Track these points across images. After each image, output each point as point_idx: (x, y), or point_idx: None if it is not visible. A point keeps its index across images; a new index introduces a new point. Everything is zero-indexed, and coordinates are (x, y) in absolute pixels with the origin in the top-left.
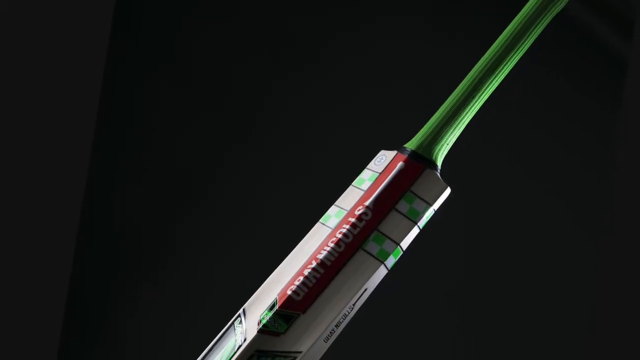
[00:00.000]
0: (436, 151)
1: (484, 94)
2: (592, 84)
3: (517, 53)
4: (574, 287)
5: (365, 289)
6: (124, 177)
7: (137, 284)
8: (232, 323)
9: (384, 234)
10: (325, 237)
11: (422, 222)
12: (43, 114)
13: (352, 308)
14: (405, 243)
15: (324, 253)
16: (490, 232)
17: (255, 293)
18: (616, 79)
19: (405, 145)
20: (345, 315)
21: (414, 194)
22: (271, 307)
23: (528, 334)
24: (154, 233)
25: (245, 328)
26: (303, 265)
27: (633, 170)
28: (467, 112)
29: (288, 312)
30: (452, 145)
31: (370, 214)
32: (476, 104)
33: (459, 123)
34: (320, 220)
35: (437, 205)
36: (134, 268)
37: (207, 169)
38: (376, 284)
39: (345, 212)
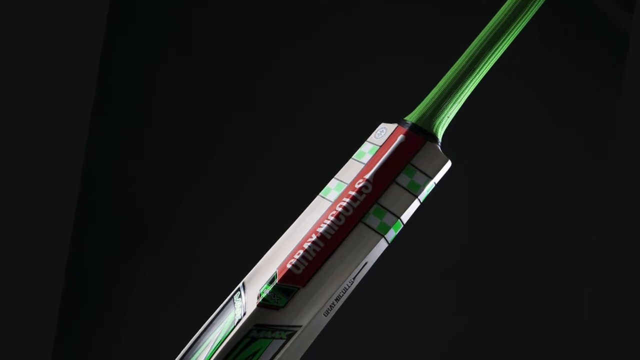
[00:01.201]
0: (437, 124)
1: (484, 68)
2: (593, 58)
3: (517, 26)
4: (572, 260)
5: (366, 263)
6: (123, 153)
7: (137, 259)
8: (232, 297)
9: (384, 208)
10: (325, 210)
11: (423, 196)
12: (41, 90)
13: (352, 282)
14: (406, 216)
15: (324, 226)
16: (490, 205)
17: (255, 267)
18: (618, 54)
19: (405, 118)
20: (346, 289)
21: (415, 167)
22: (271, 281)
23: (527, 305)
24: (154, 208)
25: (244, 302)
26: (303, 238)
27: (632, 145)
28: (467, 86)
29: (288, 286)
30: (453, 119)
31: (370, 187)
32: (476, 77)
33: (459, 96)
34: (320, 193)
35: (437, 178)
36: (134, 243)
37: (207, 144)
38: (376, 258)
39: (346, 186)
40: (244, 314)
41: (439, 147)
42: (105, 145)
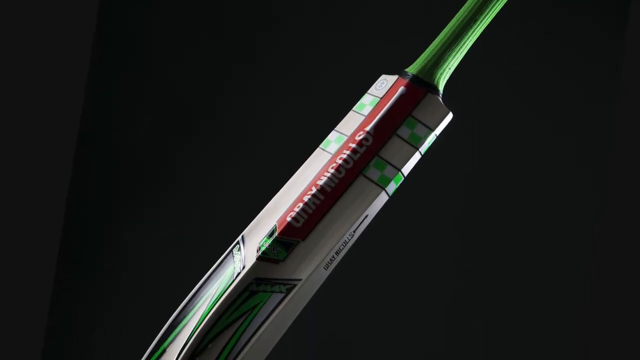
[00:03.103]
0: (438, 75)
1: (486, 18)
2: (596, 11)
3: None
4: (576, 211)
5: (366, 216)
6: (123, 103)
7: (136, 211)
8: (231, 250)
9: (384, 160)
10: (325, 162)
11: (424, 148)
12: (40, 36)
13: (353, 235)
14: (407, 169)
15: (324, 179)
16: (492, 157)
17: (254, 220)
18: (621, 6)
19: (406, 70)
20: (346, 242)
21: (416, 119)
22: (270, 234)
23: (530, 256)
24: (153, 159)
25: (244, 255)
26: (303, 191)
27: (636, 98)
28: (469, 37)
29: (287, 239)
30: (454, 70)
31: (371, 139)
32: (478, 28)
33: (461, 47)
34: (320, 145)
35: (438, 130)
36: (133, 194)
37: (208, 94)
38: (377, 211)
39: (346, 138)
40: (243, 268)
41: (440, 99)
42: (104, 93)
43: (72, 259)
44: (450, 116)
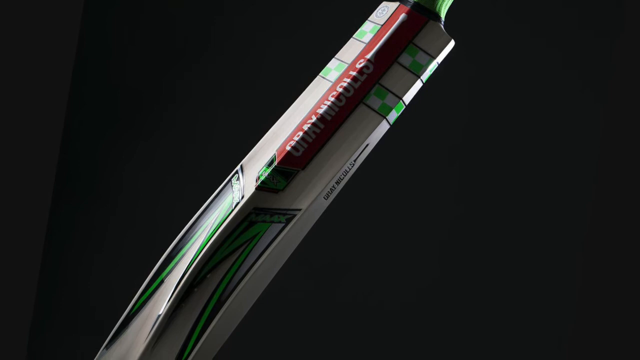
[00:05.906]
0: (440, 2)
1: None
2: None
3: None
4: (578, 142)
5: (367, 145)
6: (119, 31)
7: (134, 138)
8: (230, 180)
9: (386, 88)
10: (325, 91)
11: (425, 76)
12: None
13: (353, 164)
14: (408, 97)
15: (324, 107)
16: (494, 86)
17: (253, 149)
18: None
19: None
20: (346, 172)
21: (417, 46)
22: (269, 164)
23: (529, 188)
24: (150, 86)
25: (242, 185)
26: (302, 120)
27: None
28: None
29: (287, 169)
30: None
31: (371, 67)
32: None
33: None
34: (320, 73)
35: (440, 58)
36: (132, 120)
37: (206, 21)
38: (378, 140)
39: (346, 66)
40: (242, 197)
41: (442, 26)
42: (101, 22)
43: (69, 189)
44: (452, 44)
